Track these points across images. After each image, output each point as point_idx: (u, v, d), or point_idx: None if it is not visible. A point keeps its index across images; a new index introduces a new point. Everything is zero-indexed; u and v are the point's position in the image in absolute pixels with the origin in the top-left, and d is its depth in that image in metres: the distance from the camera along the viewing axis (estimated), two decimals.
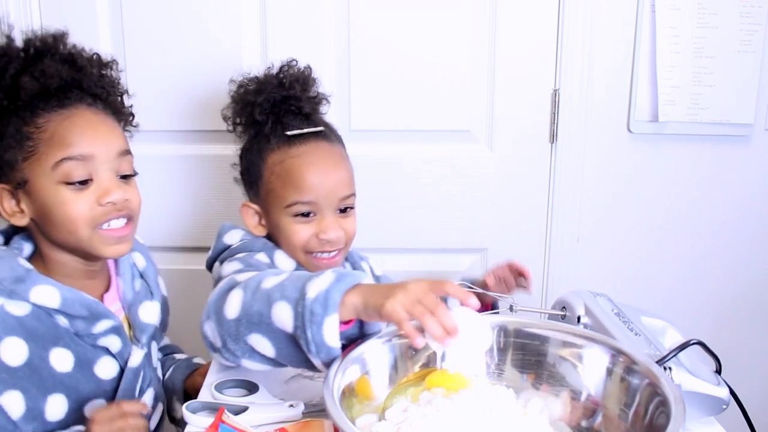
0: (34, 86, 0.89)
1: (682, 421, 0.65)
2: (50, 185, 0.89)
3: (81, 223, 0.90)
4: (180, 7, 1.39)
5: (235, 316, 0.84)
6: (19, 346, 0.87)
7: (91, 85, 0.95)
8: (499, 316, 0.90)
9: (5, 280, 0.88)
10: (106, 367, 0.96)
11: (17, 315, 0.88)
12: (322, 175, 1.05)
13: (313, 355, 0.78)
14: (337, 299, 0.77)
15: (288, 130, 1.07)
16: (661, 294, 1.57)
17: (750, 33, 1.45)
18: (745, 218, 1.57)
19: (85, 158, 0.90)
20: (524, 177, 1.50)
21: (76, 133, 0.90)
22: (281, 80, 1.10)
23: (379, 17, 1.41)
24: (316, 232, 1.05)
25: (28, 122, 0.90)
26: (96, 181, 0.91)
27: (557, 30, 1.42)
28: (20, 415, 0.87)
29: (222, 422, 0.80)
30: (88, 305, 0.92)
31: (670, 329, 0.94)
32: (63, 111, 0.91)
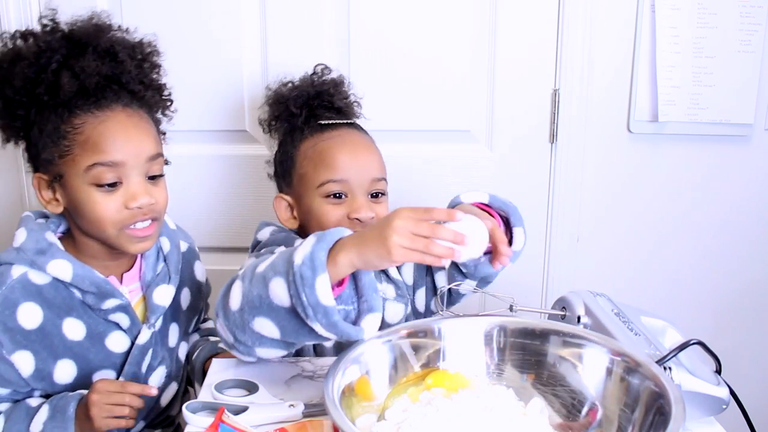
0: (73, 85, 0.93)
1: (682, 421, 0.65)
2: (82, 185, 0.94)
3: (108, 224, 0.95)
4: (180, 7, 1.39)
5: (238, 306, 0.86)
6: (35, 311, 0.95)
7: (129, 81, 0.98)
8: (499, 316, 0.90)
9: (29, 251, 0.96)
10: (116, 341, 1.02)
11: (38, 283, 0.96)
12: (353, 155, 1.07)
13: (312, 320, 0.78)
14: (323, 258, 0.78)
15: (321, 121, 1.11)
16: (661, 294, 1.57)
17: (750, 33, 1.45)
18: (745, 218, 1.57)
19: (116, 164, 0.94)
20: (524, 177, 1.50)
21: (110, 140, 0.94)
22: (314, 80, 1.17)
23: (379, 17, 1.41)
24: (348, 213, 1.05)
25: (66, 121, 0.93)
26: (125, 184, 0.95)
27: (557, 30, 1.42)
28: (29, 374, 0.95)
29: (222, 422, 0.80)
30: (97, 283, 0.97)
31: (670, 329, 0.94)
32: (98, 113, 0.94)
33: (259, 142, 1.47)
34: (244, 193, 1.48)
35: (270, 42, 1.42)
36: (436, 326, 0.87)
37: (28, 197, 1.46)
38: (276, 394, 0.90)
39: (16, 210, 1.47)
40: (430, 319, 0.98)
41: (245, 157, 1.47)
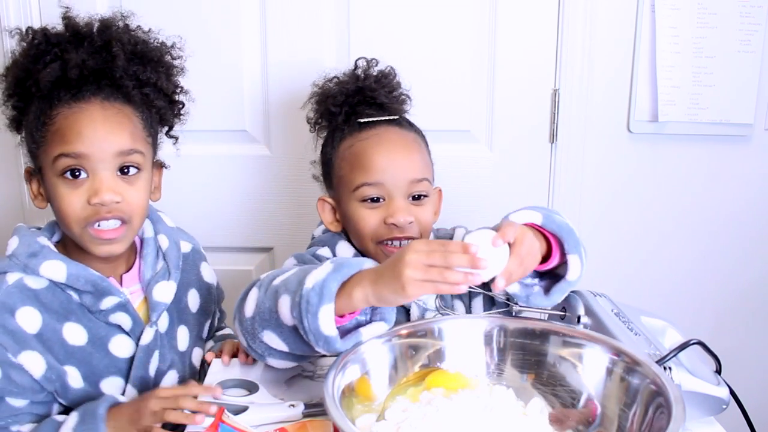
0: (52, 76, 0.91)
1: (682, 421, 0.65)
2: (52, 177, 0.92)
3: (71, 220, 0.92)
4: (180, 7, 1.39)
5: (250, 314, 0.86)
6: (34, 315, 0.91)
7: (121, 76, 0.94)
8: (499, 316, 0.90)
9: (20, 255, 0.94)
10: (120, 345, 0.98)
11: (34, 288, 0.93)
12: (390, 156, 1.01)
13: (314, 344, 0.79)
14: (333, 289, 0.77)
15: (361, 119, 1.05)
16: (661, 294, 1.57)
17: (750, 33, 1.45)
18: (745, 218, 1.57)
19: (79, 156, 0.90)
20: (524, 177, 1.50)
21: (75, 131, 0.91)
22: (358, 75, 1.10)
23: (379, 17, 1.41)
24: (384, 217, 1.00)
25: (44, 112, 0.92)
26: (90, 179, 0.91)
27: (557, 30, 1.42)
28: (41, 374, 0.91)
29: (222, 422, 0.80)
30: (93, 281, 0.94)
31: (670, 329, 0.94)
32: (74, 104, 0.92)
33: (259, 142, 1.47)
34: (244, 192, 1.48)
35: (270, 42, 1.42)
36: (436, 326, 0.87)
37: (28, 198, 1.46)
38: (276, 394, 0.90)
39: (16, 211, 1.47)
40: (430, 319, 0.98)
41: (245, 157, 1.47)
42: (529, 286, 0.92)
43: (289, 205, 1.49)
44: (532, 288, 0.92)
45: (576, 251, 0.89)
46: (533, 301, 0.91)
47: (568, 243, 0.89)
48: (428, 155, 1.08)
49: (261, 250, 1.52)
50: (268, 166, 1.47)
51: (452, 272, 0.74)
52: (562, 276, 0.91)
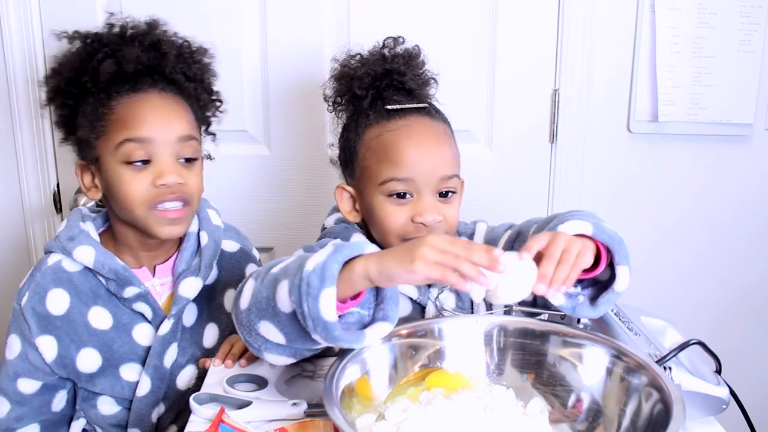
0: (111, 69, 0.97)
1: (682, 421, 0.65)
2: (113, 163, 0.97)
3: (137, 202, 0.97)
4: (180, 6, 1.39)
5: (246, 305, 0.83)
6: (62, 298, 0.99)
7: (171, 71, 1.01)
8: (499, 316, 0.90)
9: (62, 238, 1.01)
10: (142, 333, 1.03)
11: (69, 271, 1.00)
12: (421, 150, 0.95)
13: (311, 330, 0.75)
14: (335, 271, 0.73)
15: (388, 104, 0.99)
16: (661, 294, 1.57)
17: (750, 33, 1.45)
18: (745, 218, 1.57)
19: (145, 141, 0.96)
20: (524, 177, 1.50)
21: (139, 117, 0.97)
22: (384, 55, 1.03)
23: (379, 17, 1.41)
24: (412, 215, 0.95)
25: (104, 104, 0.97)
26: (154, 163, 0.97)
27: (557, 30, 1.42)
28: (52, 359, 0.99)
29: (222, 422, 0.80)
30: (115, 270, 1.00)
31: (670, 329, 0.94)
32: (134, 95, 0.98)
33: (259, 142, 1.47)
34: (244, 192, 1.48)
35: (270, 42, 1.42)
36: (436, 326, 0.87)
37: (28, 197, 1.46)
38: (283, 392, 0.91)
39: (16, 210, 1.47)
40: (430, 319, 0.98)
41: (245, 157, 1.47)
42: (573, 297, 0.87)
43: (289, 205, 1.49)
44: (577, 298, 0.87)
45: (626, 262, 0.86)
46: (579, 311, 0.86)
47: (619, 254, 0.85)
48: (457, 147, 1.02)
49: (261, 250, 1.51)
50: (268, 166, 1.47)
51: (466, 263, 0.71)
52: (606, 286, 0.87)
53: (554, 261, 0.78)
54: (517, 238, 1.01)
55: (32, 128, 1.41)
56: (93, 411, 1.05)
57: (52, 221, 1.47)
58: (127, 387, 1.03)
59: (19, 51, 1.37)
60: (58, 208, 1.46)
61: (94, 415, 1.05)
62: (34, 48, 1.38)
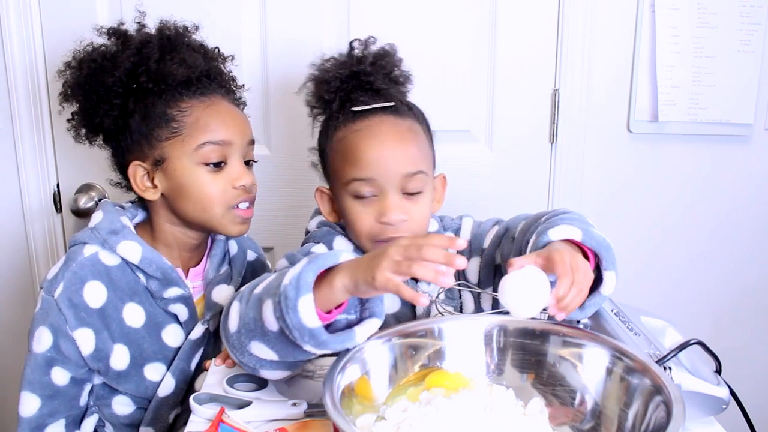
0: (181, 73, 0.99)
1: (682, 421, 0.65)
2: (190, 165, 1.00)
3: (217, 203, 1.01)
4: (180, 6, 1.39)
5: (235, 328, 0.83)
6: (100, 290, 0.98)
7: (218, 77, 1.07)
8: (499, 316, 0.90)
9: (102, 230, 1.00)
10: (172, 334, 1.04)
11: (107, 264, 0.99)
12: (381, 149, 0.95)
13: (300, 341, 0.76)
14: (309, 280, 0.74)
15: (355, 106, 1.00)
16: (661, 294, 1.57)
17: (750, 33, 1.45)
18: (745, 218, 1.57)
19: (224, 144, 1.01)
20: (524, 177, 1.49)
21: (219, 121, 1.01)
22: (353, 56, 1.04)
23: (379, 17, 1.41)
24: (377, 215, 0.96)
25: (172, 105, 1.00)
26: (229, 165, 1.02)
27: (557, 30, 1.42)
28: (89, 352, 0.97)
29: (222, 422, 0.80)
30: (163, 269, 1.01)
31: (670, 329, 0.94)
32: (204, 98, 1.02)
33: (259, 142, 1.47)
34: None
35: (270, 42, 1.41)
36: (436, 326, 0.87)
37: (28, 197, 1.46)
38: (283, 392, 0.91)
39: (16, 210, 1.47)
40: (430, 319, 0.98)
41: None
42: None
43: (289, 205, 1.49)
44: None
45: (613, 268, 0.86)
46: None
47: (606, 260, 0.86)
48: (427, 143, 1.02)
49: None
50: (268, 166, 1.47)
51: (421, 266, 0.70)
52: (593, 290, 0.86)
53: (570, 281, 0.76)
54: (504, 234, 1.02)
55: (32, 128, 1.41)
56: (107, 409, 1.05)
57: (52, 221, 1.47)
58: (150, 387, 1.04)
59: (19, 51, 1.37)
60: (58, 208, 1.46)
61: (108, 413, 1.05)
62: (34, 48, 1.38)
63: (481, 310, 1.07)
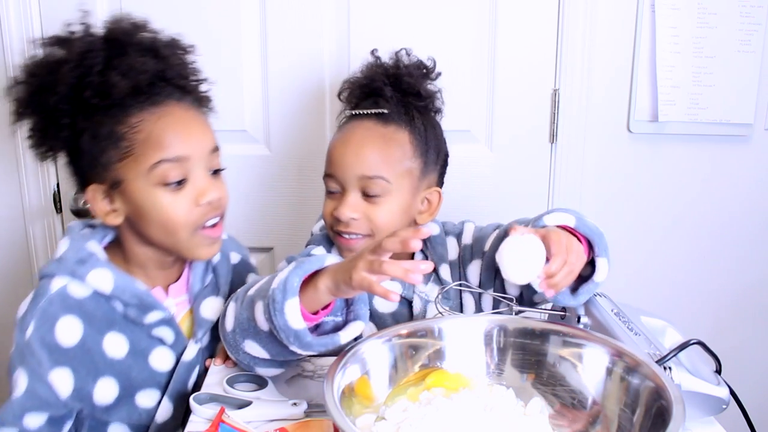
0: (126, 85, 0.88)
1: (682, 421, 0.65)
2: (147, 187, 0.89)
3: (181, 226, 0.91)
4: (180, 7, 1.39)
5: (231, 327, 0.90)
6: (74, 326, 0.90)
7: (175, 77, 0.94)
8: (499, 316, 0.90)
9: (69, 260, 0.91)
10: (161, 358, 0.96)
11: (78, 297, 0.91)
12: (344, 149, 1.02)
13: (286, 342, 0.81)
14: (295, 284, 0.79)
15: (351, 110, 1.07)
16: (661, 294, 1.57)
17: (750, 33, 1.45)
18: (745, 218, 1.57)
19: (181, 159, 0.90)
20: (524, 177, 1.49)
21: (171, 135, 0.90)
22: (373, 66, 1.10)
23: (379, 17, 1.41)
24: (333, 209, 1.03)
25: (121, 121, 0.89)
26: (191, 180, 0.91)
27: (557, 30, 1.42)
28: (68, 394, 0.89)
29: (222, 422, 0.80)
30: (139, 295, 0.93)
31: (670, 329, 0.94)
32: (154, 109, 0.90)
33: (259, 142, 1.47)
34: (244, 192, 1.48)
35: (270, 42, 1.42)
36: (436, 326, 0.87)
37: (28, 197, 1.46)
38: (283, 392, 0.91)
39: (16, 210, 1.47)
40: (430, 319, 0.98)
41: (245, 157, 1.47)
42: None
43: (289, 205, 1.49)
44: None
45: (605, 254, 0.91)
46: (561, 299, 0.92)
47: (599, 246, 0.91)
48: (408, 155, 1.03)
49: (261, 250, 1.52)
50: (268, 166, 1.47)
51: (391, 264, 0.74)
52: (586, 278, 0.91)
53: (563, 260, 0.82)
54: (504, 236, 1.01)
55: None
56: None
57: (52, 221, 1.47)
58: (144, 414, 0.96)
59: (19, 51, 1.37)
60: (58, 209, 1.46)
61: None
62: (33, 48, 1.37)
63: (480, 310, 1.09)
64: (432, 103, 1.12)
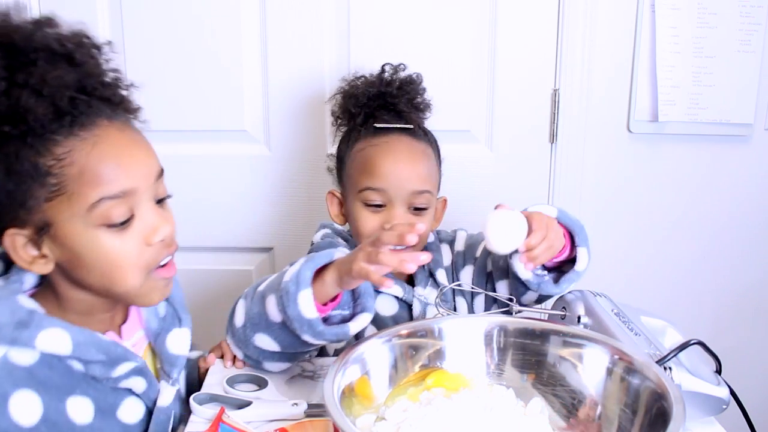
0: (44, 107, 0.70)
1: (682, 421, 0.65)
2: (85, 229, 0.74)
3: (132, 271, 0.77)
4: (180, 7, 1.39)
5: (241, 323, 0.91)
6: (32, 401, 0.74)
7: (97, 87, 0.76)
8: (500, 316, 0.90)
9: (5, 326, 0.73)
10: (130, 410, 0.84)
11: (25, 365, 0.74)
12: (396, 164, 1.04)
13: (299, 332, 0.84)
14: (308, 276, 0.83)
15: (377, 123, 1.08)
16: (661, 294, 1.57)
17: (750, 33, 1.45)
18: (745, 218, 1.57)
19: (126, 194, 0.75)
20: (524, 177, 1.50)
21: (111, 166, 0.74)
22: (382, 78, 1.12)
23: (379, 17, 1.41)
24: (383, 223, 1.03)
25: (44, 153, 0.71)
26: (138, 216, 0.76)
27: (557, 30, 1.42)
28: None
29: (222, 422, 0.80)
30: (106, 349, 0.78)
31: (670, 329, 0.94)
32: (83, 133, 0.73)
33: (259, 142, 1.47)
34: (244, 192, 1.48)
35: (270, 42, 1.42)
36: (436, 326, 0.87)
37: None
38: (283, 392, 0.91)
39: None
40: (430, 319, 0.98)
41: (245, 157, 1.47)
42: (540, 276, 1.00)
43: (289, 205, 1.49)
44: (543, 277, 1.00)
45: (585, 244, 0.99)
46: (545, 288, 0.99)
47: (579, 237, 0.98)
48: (436, 167, 1.11)
49: (261, 250, 1.52)
50: (268, 166, 1.47)
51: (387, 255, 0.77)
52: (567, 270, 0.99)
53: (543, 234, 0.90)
54: None
55: None
56: None
57: None
58: None
59: None
60: None
61: None
62: None
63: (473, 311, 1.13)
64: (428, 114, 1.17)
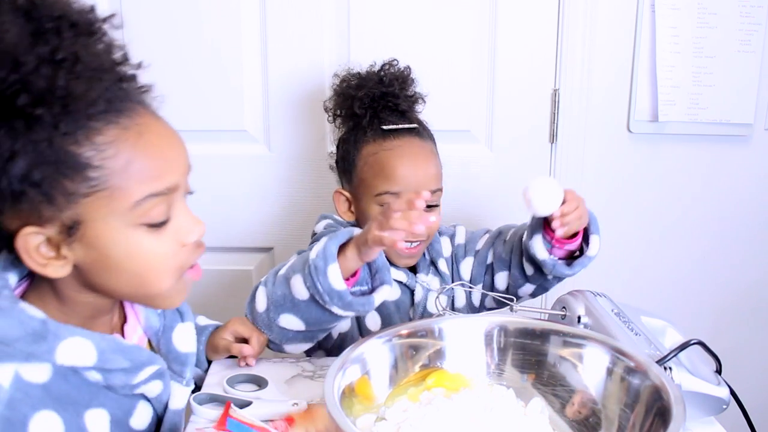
0: (91, 90, 0.62)
1: (682, 421, 0.65)
2: (123, 229, 0.67)
3: (166, 274, 0.71)
4: (180, 6, 1.39)
5: (264, 308, 0.96)
6: (53, 422, 0.67)
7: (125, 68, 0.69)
8: (500, 316, 0.90)
9: (18, 341, 0.65)
10: (141, 416, 0.78)
11: (39, 382, 0.66)
12: (412, 168, 1.08)
13: (329, 303, 0.89)
14: (333, 250, 0.89)
15: (384, 124, 1.11)
16: (661, 294, 1.58)
17: (750, 33, 1.45)
18: (745, 218, 1.57)
19: (171, 191, 0.69)
20: (524, 177, 1.48)
21: (159, 159, 0.68)
22: (381, 77, 1.14)
23: (379, 17, 1.41)
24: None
25: (83, 142, 0.63)
26: (174, 215, 0.71)
27: (557, 30, 1.42)
28: None
29: (229, 416, 0.80)
30: (131, 354, 0.73)
31: (670, 329, 0.94)
32: (124, 122, 0.65)
33: (259, 141, 1.47)
34: (243, 192, 1.48)
35: (270, 42, 1.42)
36: (436, 326, 0.87)
37: None
38: (283, 392, 0.91)
39: None
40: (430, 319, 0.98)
41: (245, 156, 1.47)
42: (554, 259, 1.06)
43: (289, 205, 1.49)
44: (557, 261, 1.06)
45: (597, 232, 1.07)
46: (558, 270, 1.06)
47: (593, 225, 1.07)
48: (440, 162, 1.14)
49: (261, 250, 1.52)
50: (268, 166, 1.47)
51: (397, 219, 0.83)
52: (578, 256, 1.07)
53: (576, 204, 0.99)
54: (498, 236, 1.17)
55: None
56: None
57: None
58: None
59: None
60: None
61: None
62: None
63: (471, 303, 1.19)
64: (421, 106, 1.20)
